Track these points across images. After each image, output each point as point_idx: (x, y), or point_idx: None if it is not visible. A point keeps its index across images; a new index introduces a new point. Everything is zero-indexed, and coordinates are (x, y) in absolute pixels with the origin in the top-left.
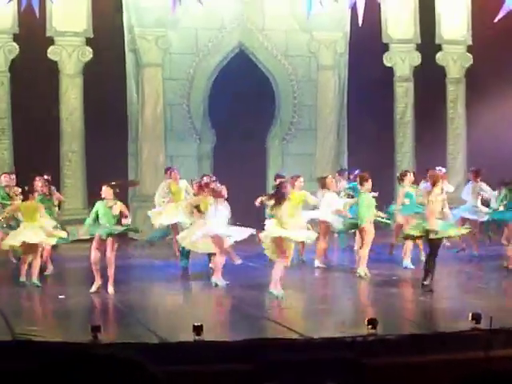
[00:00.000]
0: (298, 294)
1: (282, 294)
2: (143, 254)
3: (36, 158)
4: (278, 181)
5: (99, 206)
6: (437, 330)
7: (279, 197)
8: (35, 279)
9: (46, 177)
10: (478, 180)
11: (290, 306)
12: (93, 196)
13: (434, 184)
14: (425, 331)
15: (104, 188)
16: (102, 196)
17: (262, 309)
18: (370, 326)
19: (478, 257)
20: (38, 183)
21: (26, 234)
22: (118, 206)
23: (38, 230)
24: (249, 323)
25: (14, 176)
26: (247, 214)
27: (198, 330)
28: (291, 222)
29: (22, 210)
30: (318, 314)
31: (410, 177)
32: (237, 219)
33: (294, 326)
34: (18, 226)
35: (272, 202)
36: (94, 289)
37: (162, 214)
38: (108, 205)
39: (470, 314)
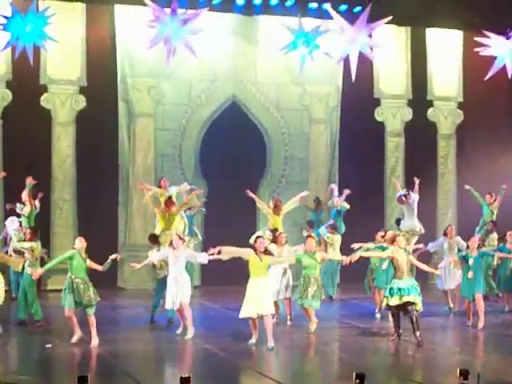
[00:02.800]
0: (286, 347)
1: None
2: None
3: None
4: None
5: (74, 254)
6: None
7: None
8: None
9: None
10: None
11: (277, 359)
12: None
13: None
14: None
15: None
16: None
17: (250, 360)
18: (357, 381)
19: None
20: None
21: None
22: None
23: None
24: (236, 375)
25: None
26: (236, 265)
27: (185, 381)
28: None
29: None
30: (305, 366)
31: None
32: (227, 269)
33: (281, 378)
34: None
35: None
36: (75, 339)
37: None
38: (82, 255)
39: (458, 370)
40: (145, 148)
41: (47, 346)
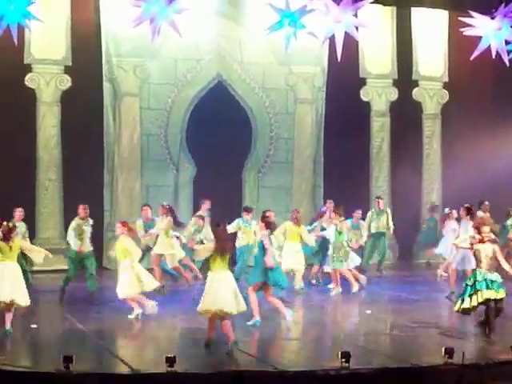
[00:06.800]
0: (272, 326)
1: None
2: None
3: (12, 186)
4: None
5: None
6: (410, 363)
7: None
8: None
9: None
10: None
11: (263, 338)
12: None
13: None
14: (398, 365)
15: None
16: None
17: (236, 341)
18: (343, 360)
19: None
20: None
21: None
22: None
23: None
24: (222, 355)
25: None
26: None
27: (170, 361)
28: None
29: None
30: (291, 346)
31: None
32: None
33: (268, 358)
34: None
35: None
36: None
37: None
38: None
39: (443, 349)
40: (130, 127)
41: (32, 326)
